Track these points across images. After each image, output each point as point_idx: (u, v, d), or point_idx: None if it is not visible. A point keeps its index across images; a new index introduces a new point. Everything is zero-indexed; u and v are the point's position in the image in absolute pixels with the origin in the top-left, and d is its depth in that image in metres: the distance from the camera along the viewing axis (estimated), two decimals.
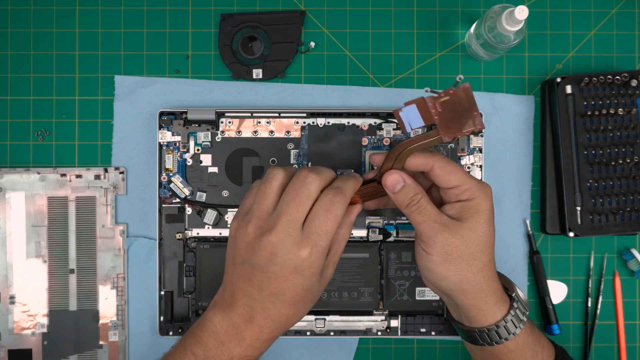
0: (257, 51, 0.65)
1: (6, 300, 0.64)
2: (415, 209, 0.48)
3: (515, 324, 0.51)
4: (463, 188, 0.49)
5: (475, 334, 0.52)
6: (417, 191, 0.49)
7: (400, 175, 0.49)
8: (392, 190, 0.49)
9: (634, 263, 0.65)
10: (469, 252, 0.48)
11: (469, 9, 0.67)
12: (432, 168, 0.49)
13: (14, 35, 0.66)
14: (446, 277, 0.49)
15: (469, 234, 0.48)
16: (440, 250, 0.48)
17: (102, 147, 0.66)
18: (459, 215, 0.49)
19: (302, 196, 0.47)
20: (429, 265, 0.49)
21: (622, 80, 0.62)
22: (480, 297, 0.50)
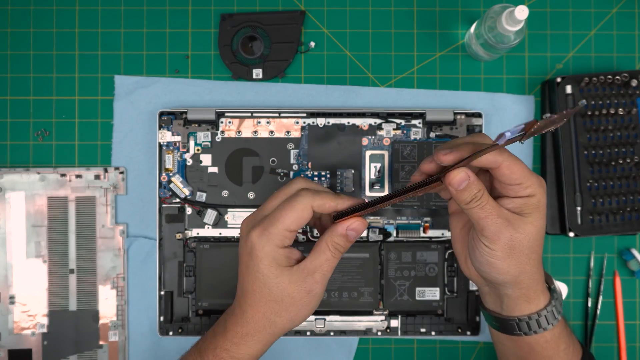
0: (257, 51, 0.65)
1: (6, 300, 0.64)
2: (477, 204, 0.48)
3: (555, 314, 0.51)
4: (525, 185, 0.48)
5: (514, 323, 0.51)
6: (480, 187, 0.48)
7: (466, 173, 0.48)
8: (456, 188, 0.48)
9: (634, 263, 0.65)
10: (530, 245, 0.48)
11: (469, 9, 0.67)
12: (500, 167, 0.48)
13: (14, 35, 0.66)
14: (507, 271, 0.49)
15: (530, 228, 0.48)
16: (504, 245, 0.48)
17: (102, 147, 0.66)
18: (520, 210, 0.48)
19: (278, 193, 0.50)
20: (491, 259, 0.48)
21: (622, 80, 0.62)
22: (531, 287, 0.50)
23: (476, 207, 0.47)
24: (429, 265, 0.63)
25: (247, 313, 0.50)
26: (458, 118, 0.64)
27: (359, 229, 0.49)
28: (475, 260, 0.50)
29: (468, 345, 0.66)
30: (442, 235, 0.64)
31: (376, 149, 0.64)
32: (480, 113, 0.64)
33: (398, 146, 0.63)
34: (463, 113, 0.64)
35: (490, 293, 0.53)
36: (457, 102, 0.66)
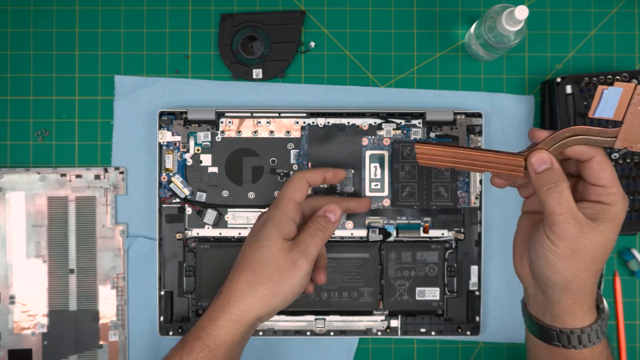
0: (257, 51, 0.65)
1: (6, 300, 0.64)
2: (556, 196, 0.46)
3: (598, 334, 0.50)
4: (609, 190, 0.48)
5: (555, 334, 0.50)
6: (561, 177, 0.47)
7: (549, 157, 0.48)
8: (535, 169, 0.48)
9: (634, 263, 0.65)
10: (592, 255, 0.47)
11: (469, 9, 0.67)
12: (591, 160, 0.48)
13: (14, 35, 0.66)
14: (561, 272, 0.48)
15: (598, 238, 0.47)
16: (568, 246, 0.47)
17: (102, 147, 0.66)
18: (595, 216, 0.47)
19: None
20: (549, 255, 0.47)
21: (622, 80, 0.62)
22: (579, 300, 0.49)
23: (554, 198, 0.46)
24: (429, 265, 0.63)
25: (231, 282, 0.53)
26: (458, 118, 0.64)
27: (334, 210, 0.55)
28: (534, 252, 0.49)
29: (468, 345, 0.66)
30: (442, 235, 0.64)
31: (376, 149, 0.64)
32: (480, 113, 0.64)
33: (398, 146, 0.63)
34: (463, 113, 0.64)
35: (536, 297, 0.52)
36: (457, 102, 0.66)
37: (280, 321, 0.64)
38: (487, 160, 0.50)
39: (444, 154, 0.51)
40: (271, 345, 0.65)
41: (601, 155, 0.47)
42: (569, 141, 0.47)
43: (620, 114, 0.45)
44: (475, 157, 0.50)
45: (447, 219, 0.64)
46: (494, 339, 0.66)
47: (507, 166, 0.49)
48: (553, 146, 0.48)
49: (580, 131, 0.47)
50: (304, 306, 0.63)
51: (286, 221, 0.53)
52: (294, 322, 0.64)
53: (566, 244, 0.47)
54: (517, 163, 0.49)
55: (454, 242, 0.64)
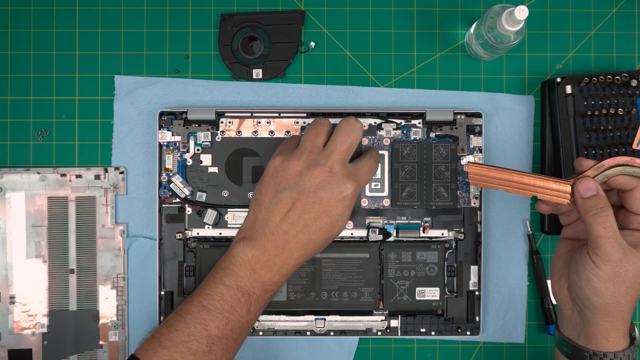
0: (257, 51, 0.65)
1: (6, 300, 0.64)
2: (602, 221, 0.49)
3: None
4: None
5: (588, 355, 0.52)
6: (606, 204, 0.50)
7: (596, 185, 0.51)
8: (582, 195, 0.51)
9: None
10: (633, 280, 0.49)
11: (469, 9, 0.67)
12: (634, 190, 0.51)
13: (14, 35, 0.66)
14: (602, 294, 0.50)
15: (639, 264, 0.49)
16: (611, 269, 0.49)
17: (102, 147, 0.66)
18: (636, 244, 0.50)
19: (352, 139, 0.56)
20: (592, 277, 0.50)
21: (622, 80, 0.62)
22: (616, 324, 0.51)
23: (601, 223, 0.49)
24: (429, 265, 0.63)
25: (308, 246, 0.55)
26: (458, 118, 0.64)
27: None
28: (576, 273, 0.51)
29: (468, 345, 0.66)
30: (442, 235, 0.64)
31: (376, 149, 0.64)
32: (480, 113, 0.64)
33: (398, 146, 0.63)
34: (463, 113, 0.64)
35: (572, 319, 0.54)
36: (457, 102, 0.66)
37: (280, 321, 0.64)
38: (535, 184, 0.53)
39: (495, 175, 0.54)
40: (271, 345, 0.65)
41: None
42: (613, 171, 0.50)
43: None
44: (524, 181, 0.53)
45: (447, 219, 0.64)
46: (494, 339, 0.66)
47: (554, 191, 0.52)
48: (597, 175, 0.51)
49: (624, 162, 0.50)
50: (303, 306, 0.63)
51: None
52: (294, 322, 0.64)
53: (609, 267, 0.49)
54: (564, 189, 0.52)
55: (454, 242, 0.64)
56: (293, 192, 0.54)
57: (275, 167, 0.56)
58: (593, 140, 0.63)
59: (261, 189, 0.57)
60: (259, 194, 0.57)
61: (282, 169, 0.56)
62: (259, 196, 0.56)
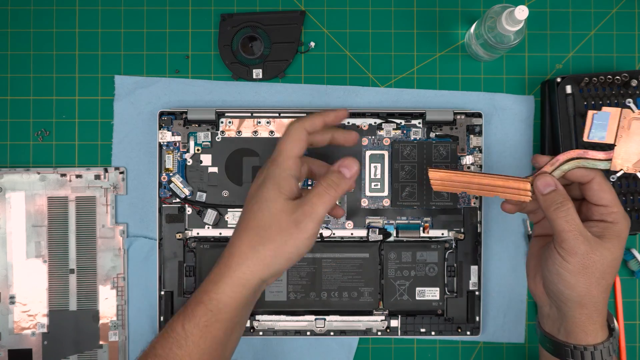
0: (257, 51, 0.65)
1: (6, 300, 0.64)
2: (563, 215, 0.50)
3: (610, 352, 0.52)
4: (611, 210, 0.51)
5: (569, 349, 0.52)
6: (566, 198, 0.50)
7: (553, 180, 0.51)
8: (541, 191, 0.51)
9: (634, 263, 0.65)
10: (603, 270, 0.50)
11: (469, 9, 0.67)
12: (591, 182, 0.51)
13: (14, 35, 0.66)
14: (574, 287, 0.50)
15: (607, 254, 0.50)
16: (579, 261, 0.49)
17: (102, 147, 0.66)
18: (601, 234, 0.50)
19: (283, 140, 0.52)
20: (562, 271, 0.50)
21: (622, 80, 0.62)
22: (592, 316, 0.51)
23: (562, 217, 0.49)
24: (429, 265, 0.63)
25: (232, 246, 0.50)
26: (458, 118, 0.64)
27: (351, 165, 0.51)
28: (547, 269, 0.51)
29: (468, 345, 0.66)
30: (442, 235, 0.64)
31: (376, 149, 0.64)
32: (480, 113, 0.64)
33: (398, 146, 0.63)
34: (463, 113, 0.64)
35: (550, 315, 0.54)
36: (457, 102, 0.66)
37: (280, 321, 0.64)
38: (495, 184, 0.53)
39: (456, 179, 0.54)
40: (271, 345, 0.65)
41: (600, 177, 0.51)
42: (569, 165, 0.51)
43: (612, 137, 0.48)
44: (484, 182, 0.53)
45: (447, 219, 0.64)
46: (494, 339, 0.66)
47: (515, 190, 0.53)
48: (554, 170, 0.52)
49: (577, 154, 0.51)
50: (303, 306, 0.63)
51: (286, 179, 0.49)
52: (294, 322, 0.64)
53: (577, 260, 0.49)
54: (524, 187, 0.52)
55: (454, 242, 0.64)
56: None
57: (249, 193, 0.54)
58: None
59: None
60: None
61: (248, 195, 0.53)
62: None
